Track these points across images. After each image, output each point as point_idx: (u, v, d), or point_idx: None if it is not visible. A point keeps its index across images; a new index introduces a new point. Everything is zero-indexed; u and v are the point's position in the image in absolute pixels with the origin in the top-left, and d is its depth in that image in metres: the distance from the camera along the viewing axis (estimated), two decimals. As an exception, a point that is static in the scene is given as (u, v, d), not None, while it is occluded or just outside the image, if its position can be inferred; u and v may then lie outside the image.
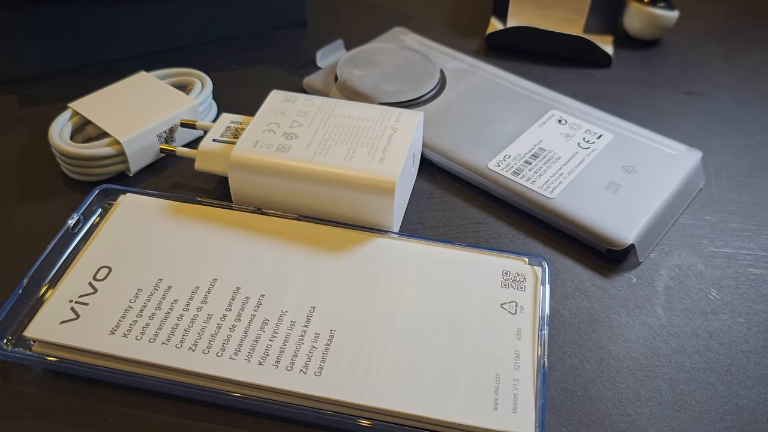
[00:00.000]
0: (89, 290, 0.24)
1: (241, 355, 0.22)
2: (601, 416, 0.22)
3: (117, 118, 0.30)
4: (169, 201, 0.27)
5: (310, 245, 0.26)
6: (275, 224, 0.26)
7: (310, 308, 0.23)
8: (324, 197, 0.26)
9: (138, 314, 0.23)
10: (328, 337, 0.22)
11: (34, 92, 0.35)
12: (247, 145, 0.27)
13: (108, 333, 0.22)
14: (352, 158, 0.26)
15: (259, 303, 0.23)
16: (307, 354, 0.22)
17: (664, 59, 0.39)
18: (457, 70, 0.35)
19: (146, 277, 0.24)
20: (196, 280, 0.24)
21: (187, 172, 0.31)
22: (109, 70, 0.37)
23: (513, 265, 0.25)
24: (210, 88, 0.33)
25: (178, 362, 0.22)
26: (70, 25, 0.35)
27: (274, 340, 0.22)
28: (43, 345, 0.22)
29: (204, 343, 0.22)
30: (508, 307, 0.24)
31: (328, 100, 0.30)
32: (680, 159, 0.30)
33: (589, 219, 0.27)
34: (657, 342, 0.24)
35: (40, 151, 0.32)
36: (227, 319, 0.23)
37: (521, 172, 0.29)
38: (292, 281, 0.24)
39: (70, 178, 0.30)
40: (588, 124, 0.32)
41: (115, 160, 0.29)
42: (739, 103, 0.36)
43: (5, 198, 0.29)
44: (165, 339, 0.22)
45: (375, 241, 0.26)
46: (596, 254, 0.27)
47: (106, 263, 0.25)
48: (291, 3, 0.41)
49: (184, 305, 0.23)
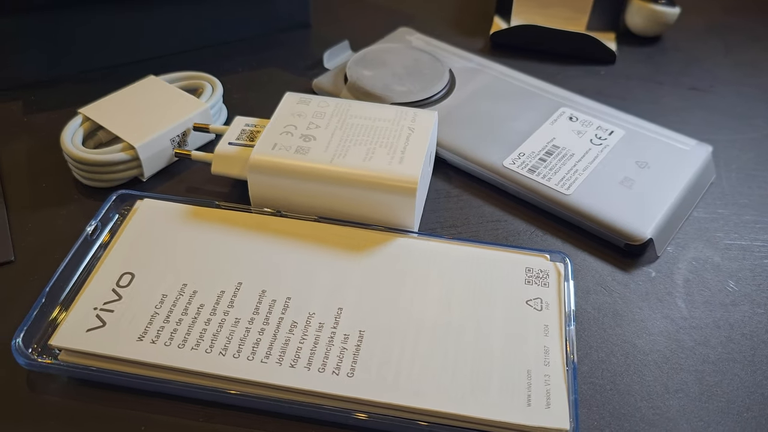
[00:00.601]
0: (113, 297, 0.23)
1: (272, 358, 0.22)
2: (631, 409, 0.22)
3: (129, 122, 0.30)
4: (187, 205, 0.27)
5: (332, 246, 0.26)
6: (296, 226, 0.26)
7: (337, 310, 0.23)
8: (344, 198, 0.26)
9: (165, 320, 0.23)
10: (357, 338, 0.22)
11: (39, 98, 0.35)
12: (265, 147, 0.27)
13: (136, 339, 0.22)
14: (371, 159, 0.26)
15: (286, 306, 0.23)
16: (337, 355, 0.22)
17: (666, 55, 0.40)
18: (466, 69, 0.36)
19: (170, 282, 0.24)
20: (221, 284, 0.24)
21: (200, 175, 0.31)
22: (113, 75, 0.37)
23: (535, 261, 0.26)
24: (221, 92, 0.32)
25: (209, 367, 0.21)
26: (72, 31, 0.35)
27: (304, 342, 0.22)
28: (69, 353, 0.22)
29: (234, 347, 0.22)
30: (534, 304, 0.24)
31: (342, 101, 0.30)
32: (691, 153, 0.30)
33: (607, 214, 0.27)
34: (680, 334, 0.24)
35: (50, 157, 0.31)
36: (255, 322, 0.23)
37: (537, 170, 0.29)
38: (318, 283, 0.24)
39: (82, 184, 0.30)
40: (599, 120, 0.32)
41: (129, 166, 0.29)
42: (743, 98, 0.36)
43: (18, 206, 0.29)
44: (194, 344, 0.22)
45: (396, 240, 0.26)
46: (614, 249, 0.27)
47: (129, 269, 0.24)
48: (295, 5, 0.40)
49: (210, 310, 0.23)
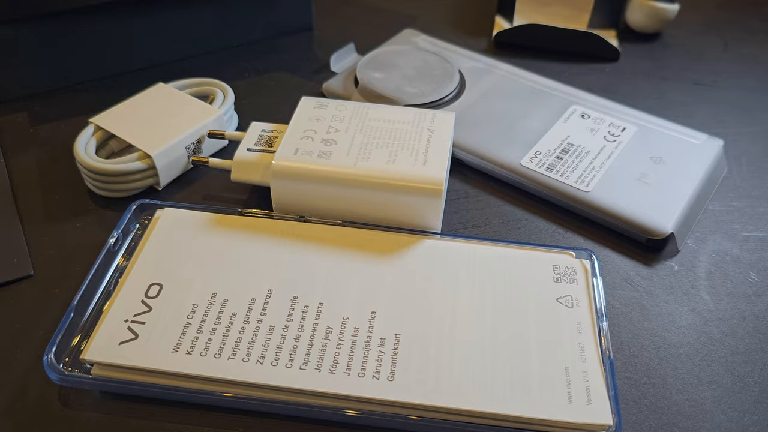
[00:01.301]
0: (143, 308, 0.23)
1: (311, 365, 0.22)
2: (668, 402, 0.22)
3: (143, 131, 0.29)
4: (209, 213, 0.27)
5: (359, 250, 0.25)
6: (321, 231, 0.26)
7: (370, 313, 0.23)
8: (369, 202, 0.26)
9: (198, 330, 0.22)
10: (393, 341, 0.22)
11: (44, 109, 0.34)
12: (287, 153, 0.27)
13: (171, 351, 0.22)
14: (395, 162, 0.26)
15: (319, 311, 0.23)
16: (376, 359, 0.22)
17: (667, 51, 0.40)
18: (474, 69, 0.36)
19: (200, 291, 0.24)
20: (252, 291, 0.24)
21: (216, 183, 0.30)
22: (117, 84, 0.36)
23: (561, 259, 0.26)
24: (232, 98, 0.32)
25: (247, 376, 0.21)
26: (74, 40, 0.35)
27: (341, 347, 0.22)
28: (103, 367, 0.22)
29: (271, 355, 0.22)
30: (564, 301, 0.24)
31: (360, 104, 0.29)
32: (703, 148, 0.31)
33: (628, 210, 0.28)
34: (708, 327, 0.25)
35: (61, 168, 0.31)
36: (290, 329, 0.23)
37: (554, 168, 0.30)
38: (349, 287, 0.24)
39: (96, 194, 0.29)
40: (610, 117, 0.32)
41: (145, 175, 0.29)
42: (746, 91, 0.37)
43: (33, 218, 0.28)
44: (230, 353, 0.22)
45: (423, 242, 0.26)
46: (635, 244, 0.28)
47: (156, 280, 0.24)
48: (297, 9, 0.40)
49: (243, 318, 0.23)
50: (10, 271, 0.26)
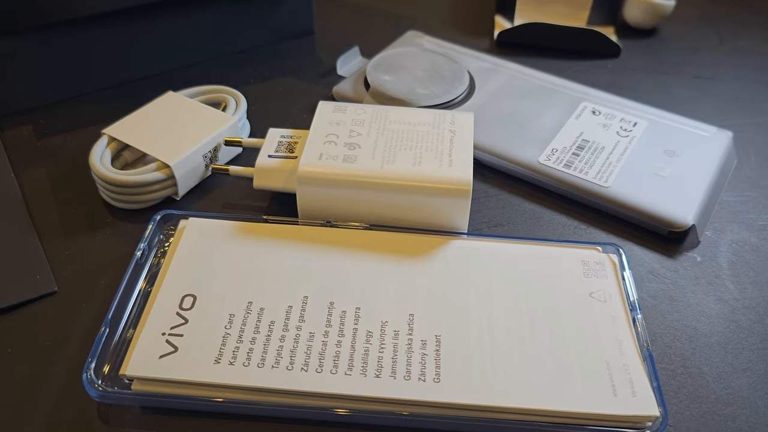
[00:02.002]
0: (179, 321, 0.23)
1: (356, 370, 0.21)
2: (706, 391, 0.23)
3: (159, 141, 0.29)
4: (235, 222, 0.26)
5: (389, 253, 0.25)
6: (348, 235, 0.26)
7: (408, 316, 0.23)
8: (397, 204, 0.26)
9: (238, 340, 0.22)
10: (435, 342, 0.22)
11: (49, 121, 0.34)
12: (311, 158, 0.27)
13: (212, 362, 0.21)
14: (420, 164, 0.26)
15: (357, 316, 0.23)
16: (419, 362, 0.22)
17: (666, 46, 0.41)
18: (482, 69, 0.36)
19: (235, 301, 0.23)
20: (287, 298, 0.24)
21: (234, 191, 0.30)
22: (121, 94, 0.36)
23: (589, 254, 0.26)
24: (245, 105, 0.32)
25: (293, 384, 0.21)
26: (76, 51, 0.34)
27: (383, 351, 0.22)
28: (143, 382, 0.21)
29: (314, 362, 0.22)
30: (597, 296, 0.24)
31: (378, 107, 0.29)
32: (714, 140, 0.31)
33: (648, 204, 0.28)
34: (736, 315, 0.25)
35: (73, 181, 0.30)
36: (330, 335, 0.22)
37: (572, 164, 0.30)
38: (383, 290, 0.24)
39: (113, 206, 0.29)
40: (620, 113, 0.33)
41: (163, 185, 0.28)
42: (746, 83, 0.38)
43: (51, 234, 0.28)
44: (274, 362, 0.22)
45: (452, 243, 0.26)
46: (656, 237, 0.28)
47: (189, 291, 0.24)
48: (298, 13, 0.40)
49: (282, 326, 0.23)
50: (34, 288, 0.25)
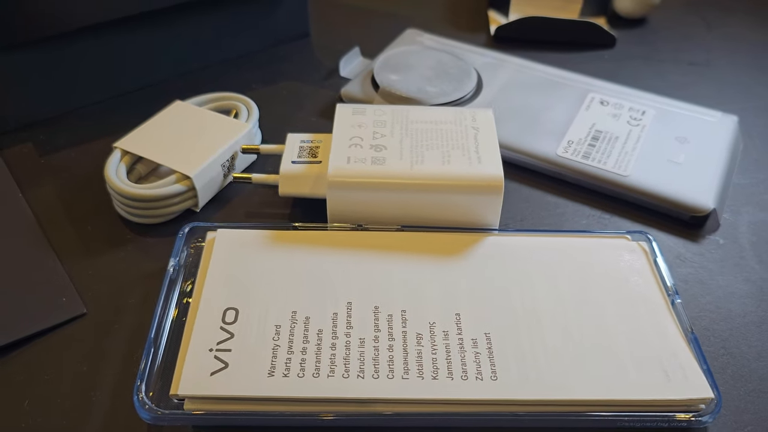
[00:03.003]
0: (225, 336, 0.22)
1: (412, 373, 0.21)
2: (748, 371, 0.23)
3: (175, 152, 0.28)
4: (264, 231, 0.26)
5: (426, 253, 0.25)
6: (381, 238, 0.26)
7: (455, 315, 0.23)
8: (429, 204, 0.26)
9: (288, 351, 0.22)
10: (485, 340, 0.22)
11: (50, 137, 0.32)
12: (340, 162, 0.26)
13: (266, 376, 0.21)
14: (450, 162, 0.26)
15: (404, 319, 0.23)
16: (474, 361, 0.22)
17: (657, 35, 0.42)
18: (486, 65, 0.36)
19: (278, 311, 0.23)
20: (331, 306, 0.23)
21: (254, 199, 0.29)
22: (120, 105, 0.34)
23: (620, 243, 0.26)
24: (257, 111, 0.31)
25: (351, 392, 0.21)
26: (71, 64, 0.33)
27: (436, 353, 0.22)
28: (195, 401, 0.21)
29: (369, 368, 0.21)
30: (634, 284, 0.25)
31: (396, 107, 0.29)
32: (721, 125, 0.32)
33: (668, 190, 0.29)
34: (765, 294, 0.26)
35: (84, 197, 0.29)
36: (381, 340, 0.22)
37: (590, 155, 0.30)
38: (426, 291, 0.24)
39: (130, 221, 0.28)
40: (628, 102, 0.33)
41: (184, 197, 0.28)
42: (738, 68, 0.39)
43: (70, 254, 0.27)
44: (328, 371, 0.21)
45: (485, 240, 0.26)
46: (677, 222, 0.29)
47: (230, 305, 0.23)
48: (294, 15, 0.39)
49: (331, 334, 0.22)
50: (62, 311, 0.24)
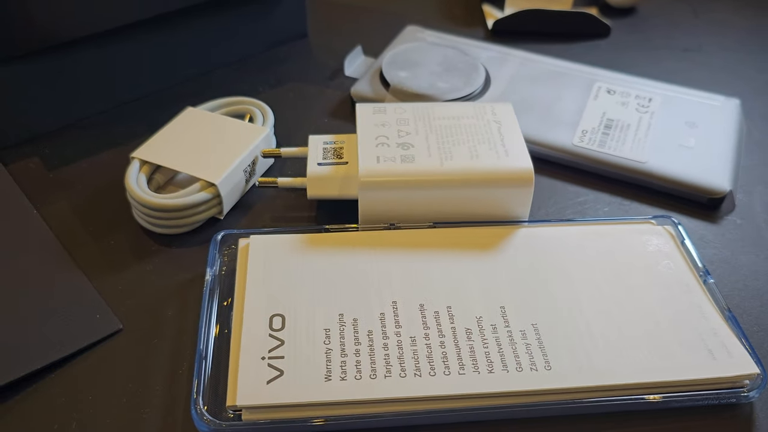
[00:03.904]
0: (276, 343, 0.22)
1: (468, 368, 0.21)
2: (783, 345, 0.24)
3: (196, 159, 0.28)
4: (297, 235, 0.26)
5: (461, 248, 0.25)
6: (415, 236, 0.26)
7: (500, 308, 0.23)
8: (461, 199, 0.26)
9: (342, 354, 0.22)
10: (533, 331, 0.23)
11: (55, 151, 0.31)
12: (369, 162, 0.26)
13: (323, 380, 0.21)
14: (478, 157, 0.26)
15: (451, 315, 0.23)
16: (526, 352, 0.22)
17: (647, 23, 0.43)
18: (491, 59, 0.36)
19: (325, 315, 0.23)
20: (376, 306, 0.23)
21: (276, 203, 0.29)
22: (124, 114, 0.34)
23: (646, 229, 0.27)
24: (272, 114, 0.31)
25: (411, 391, 0.21)
26: (71, 75, 0.32)
27: (487, 346, 0.22)
28: (253, 411, 0.20)
29: (425, 366, 0.21)
30: (666, 267, 0.25)
31: (416, 104, 0.29)
32: (725, 108, 0.33)
33: (685, 175, 0.29)
34: (787, 270, 0.27)
35: (100, 210, 0.28)
36: (431, 337, 0.22)
37: (605, 144, 0.31)
38: (467, 286, 0.24)
39: (153, 232, 0.27)
40: (633, 90, 0.34)
41: (209, 205, 0.27)
42: (730, 52, 0.40)
43: (96, 270, 0.26)
44: (385, 372, 0.21)
45: (517, 232, 0.26)
46: (694, 205, 0.29)
47: (275, 311, 0.23)
48: (293, 16, 0.39)
49: (381, 334, 0.22)
50: (98, 329, 0.24)
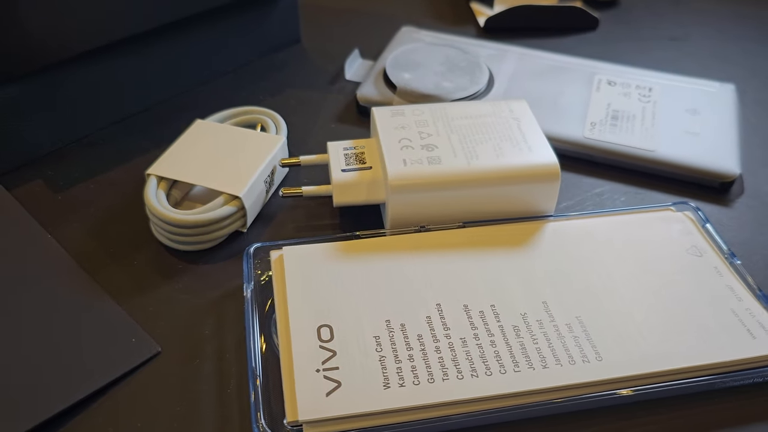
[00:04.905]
0: (328, 354, 0.22)
1: (522, 365, 0.22)
2: (810, 319, 0.25)
3: (215, 172, 0.27)
4: (329, 243, 0.25)
5: (494, 246, 0.26)
6: (446, 237, 0.26)
7: (542, 304, 0.24)
8: (490, 198, 0.26)
9: (396, 360, 0.21)
10: (579, 324, 0.23)
11: (60, 172, 0.30)
12: (397, 165, 0.26)
13: (382, 388, 0.21)
14: (503, 154, 0.27)
15: (496, 313, 0.23)
16: (575, 345, 0.22)
17: (631, 15, 0.44)
18: (490, 56, 0.37)
19: (371, 322, 0.23)
20: (422, 310, 0.23)
21: (296, 213, 0.29)
22: (125, 130, 0.33)
23: (667, 216, 0.27)
24: (284, 123, 0.30)
25: (471, 392, 0.21)
26: (68, 93, 0.31)
27: (537, 342, 0.22)
28: (314, 424, 0.20)
29: (480, 366, 0.21)
30: (692, 252, 0.26)
31: (432, 105, 0.29)
32: (721, 94, 0.34)
33: (696, 161, 0.30)
34: (803, 247, 0.28)
35: (117, 231, 0.27)
36: (481, 337, 0.22)
37: (615, 135, 0.31)
38: (507, 283, 0.24)
39: (175, 250, 0.27)
40: (632, 81, 0.35)
41: (233, 218, 0.27)
42: (713, 40, 0.41)
43: (123, 292, 0.25)
44: (442, 375, 0.21)
45: (546, 226, 0.27)
46: (705, 189, 0.30)
47: (322, 322, 0.23)
48: (286, 23, 0.39)
49: (431, 337, 0.22)
50: (136, 353, 0.23)
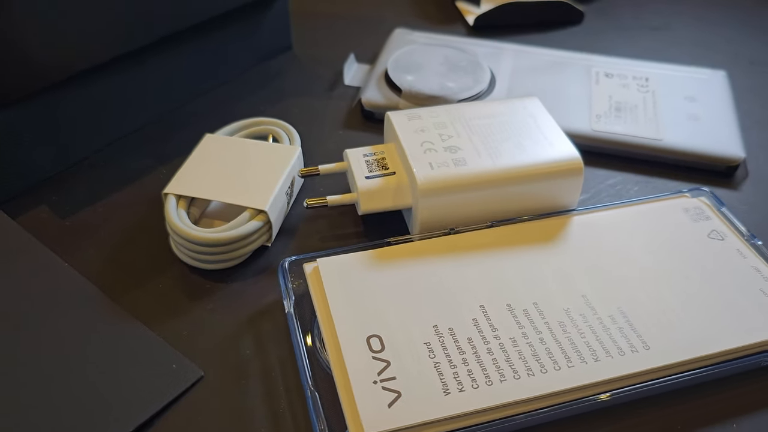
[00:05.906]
0: (382, 365, 0.21)
1: (575, 360, 0.22)
2: (830, 293, 0.26)
3: (235, 187, 0.26)
4: (362, 252, 0.25)
5: (524, 244, 0.26)
6: (477, 237, 0.26)
7: (582, 298, 0.24)
8: (516, 195, 0.26)
9: (451, 365, 0.21)
10: (621, 315, 0.23)
11: (64, 197, 0.29)
12: (424, 169, 0.26)
13: (443, 395, 0.21)
14: (526, 152, 0.27)
15: (539, 310, 0.23)
16: (621, 336, 0.23)
17: (612, 7, 0.44)
18: (486, 54, 0.37)
19: (419, 329, 0.22)
20: (467, 313, 0.23)
21: (319, 223, 0.28)
22: (126, 149, 0.32)
23: (684, 203, 0.28)
24: (296, 133, 0.30)
25: (528, 391, 0.21)
26: (65, 115, 0.29)
27: (584, 336, 0.22)
28: (378, 438, 0.20)
29: (534, 365, 0.22)
30: (714, 236, 0.27)
31: (447, 107, 0.29)
32: (715, 80, 0.35)
33: (701, 147, 0.31)
34: (815, 224, 0.29)
35: (135, 253, 0.27)
36: (529, 335, 0.22)
37: (621, 126, 0.32)
38: (545, 280, 0.24)
39: (200, 269, 0.26)
40: (629, 71, 0.36)
41: (260, 233, 0.26)
42: (693, 28, 0.42)
43: (154, 318, 0.24)
44: (499, 377, 0.21)
45: (572, 220, 0.27)
46: (710, 174, 0.31)
47: (369, 332, 0.22)
48: (278, 31, 0.38)
49: (481, 340, 0.22)
50: (179, 380, 0.22)
